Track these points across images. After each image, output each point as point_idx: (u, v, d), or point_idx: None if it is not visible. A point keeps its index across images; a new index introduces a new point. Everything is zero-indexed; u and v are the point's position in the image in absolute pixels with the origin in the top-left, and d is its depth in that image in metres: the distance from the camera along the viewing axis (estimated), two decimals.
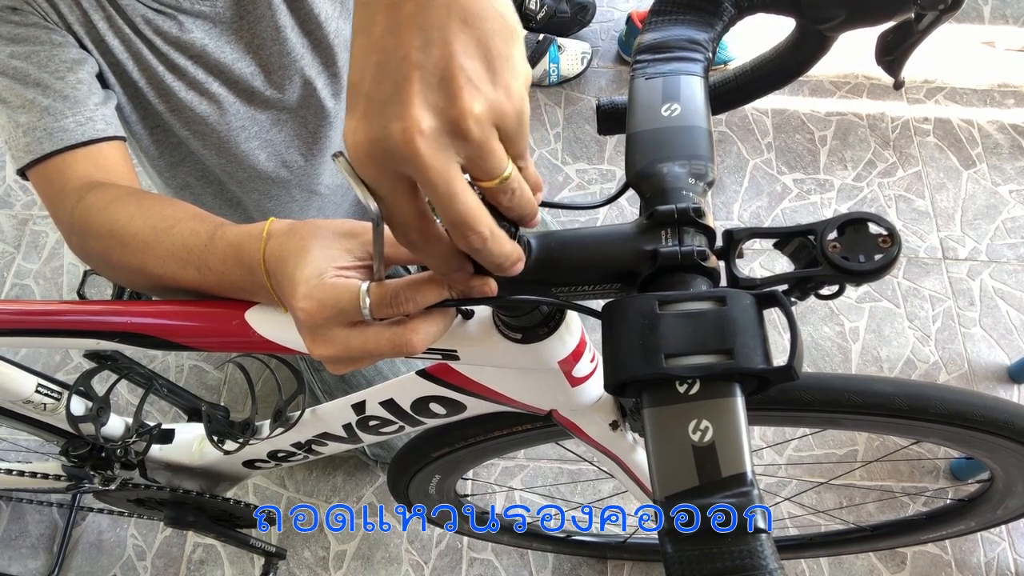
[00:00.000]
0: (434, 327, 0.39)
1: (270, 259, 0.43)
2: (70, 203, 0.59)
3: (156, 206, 0.56)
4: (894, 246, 0.33)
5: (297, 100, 0.82)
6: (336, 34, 0.80)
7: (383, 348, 0.38)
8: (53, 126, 0.62)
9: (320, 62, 0.81)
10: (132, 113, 0.75)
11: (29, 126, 0.62)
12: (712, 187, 0.39)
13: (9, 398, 0.70)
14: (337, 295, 0.37)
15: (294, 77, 0.79)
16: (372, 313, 0.37)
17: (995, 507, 0.79)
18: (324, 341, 0.38)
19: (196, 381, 1.35)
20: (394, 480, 0.81)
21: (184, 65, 0.73)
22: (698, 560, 0.29)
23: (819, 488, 1.20)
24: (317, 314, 0.37)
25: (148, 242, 0.52)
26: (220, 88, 0.76)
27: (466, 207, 0.30)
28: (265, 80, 0.78)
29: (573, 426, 0.62)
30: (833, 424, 0.64)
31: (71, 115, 0.63)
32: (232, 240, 0.46)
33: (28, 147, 0.62)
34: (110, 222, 0.55)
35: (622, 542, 1.12)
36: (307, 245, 0.40)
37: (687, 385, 0.32)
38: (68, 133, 0.62)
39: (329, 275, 0.38)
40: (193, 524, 0.86)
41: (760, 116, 1.60)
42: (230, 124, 0.79)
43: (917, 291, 1.39)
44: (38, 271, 1.46)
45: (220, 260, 0.47)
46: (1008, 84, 1.62)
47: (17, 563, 1.19)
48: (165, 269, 0.50)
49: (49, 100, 0.62)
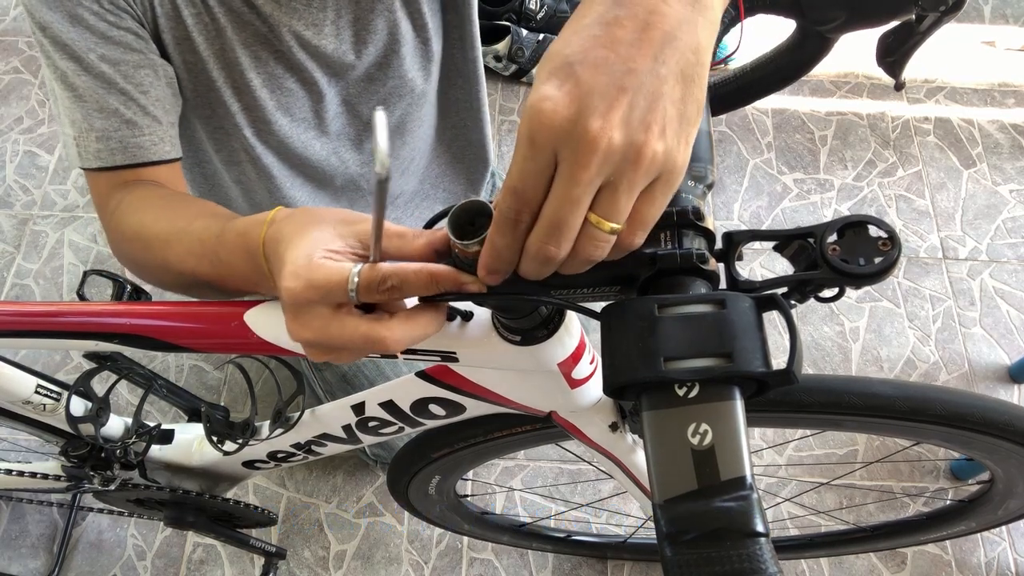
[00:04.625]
0: (412, 329, 0.39)
1: (268, 243, 0.43)
2: (112, 206, 0.63)
3: (180, 206, 0.59)
4: (894, 249, 0.33)
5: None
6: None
7: (357, 341, 0.38)
8: (130, 141, 0.64)
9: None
10: (195, 110, 0.74)
11: (104, 133, 0.63)
12: (712, 189, 0.39)
13: (9, 398, 0.70)
14: (326, 275, 0.37)
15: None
16: (358, 295, 0.37)
17: (995, 508, 0.79)
18: (305, 322, 0.38)
19: (196, 381, 1.35)
20: (394, 481, 0.81)
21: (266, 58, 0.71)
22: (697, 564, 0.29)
23: (819, 488, 1.20)
24: (302, 293, 0.37)
25: (169, 240, 0.54)
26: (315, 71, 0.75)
27: (576, 219, 0.31)
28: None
29: (572, 427, 0.61)
30: (833, 426, 0.64)
31: (148, 133, 0.65)
32: (240, 229, 0.47)
33: (99, 154, 0.64)
34: (137, 224, 0.58)
35: (622, 542, 1.12)
36: (302, 230, 0.40)
37: (686, 388, 0.32)
38: (142, 151, 0.64)
39: (318, 255, 0.38)
40: (193, 524, 0.86)
41: (760, 116, 1.60)
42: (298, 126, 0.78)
43: (917, 291, 1.38)
44: (38, 271, 1.46)
45: (230, 251, 0.48)
46: (1008, 84, 1.62)
47: (17, 563, 1.19)
48: (185, 265, 0.52)
49: (131, 113, 0.64)
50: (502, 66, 1.64)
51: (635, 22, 0.29)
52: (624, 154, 0.29)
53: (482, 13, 1.63)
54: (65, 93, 0.63)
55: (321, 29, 0.71)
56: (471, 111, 0.95)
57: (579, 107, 0.29)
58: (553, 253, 0.32)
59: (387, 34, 0.75)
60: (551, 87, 0.29)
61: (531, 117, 0.29)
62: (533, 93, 0.30)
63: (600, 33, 0.30)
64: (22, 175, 1.57)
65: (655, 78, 0.29)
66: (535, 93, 0.30)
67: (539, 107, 0.29)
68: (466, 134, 0.99)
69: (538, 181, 0.31)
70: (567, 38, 0.30)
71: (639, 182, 0.30)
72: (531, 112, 0.29)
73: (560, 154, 0.30)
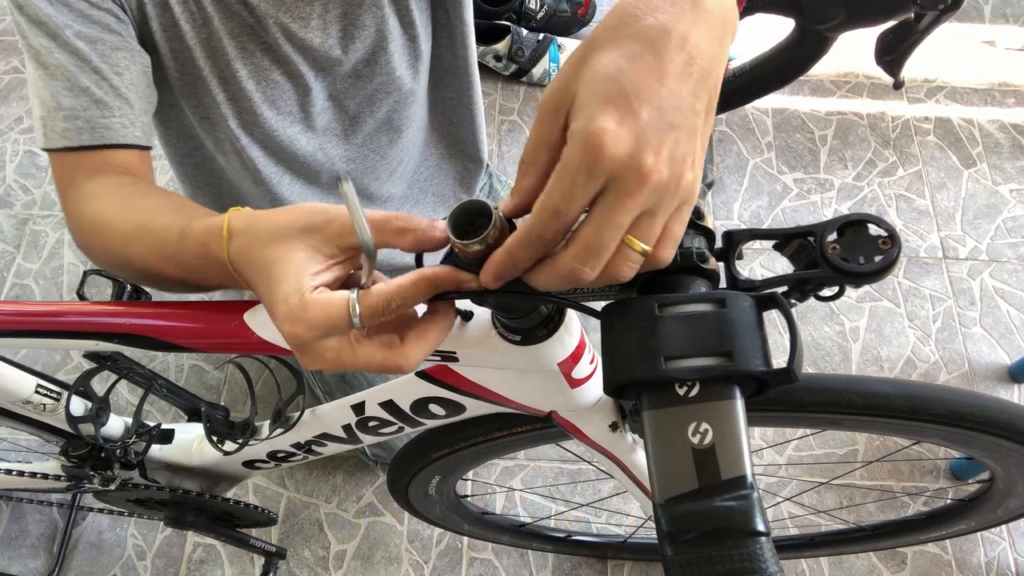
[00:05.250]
0: (425, 348, 0.39)
1: (236, 261, 0.42)
2: (72, 193, 0.59)
3: (141, 199, 0.55)
4: (894, 247, 0.33)
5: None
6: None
7: (373, 368, 0.38)
8: (98, 121, 0.61)
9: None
10: (183, 99, 0.74)
11: (73, 112, 0.60)
12: (712, 188, 0.39)
13: (9, 398, 0.70)
14: (324, 313, 0.36)
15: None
16: (362, 322, 0.37)
17: (995, 507, 0.79)
18: (316, 356, 0.38)
19: (196, 381, 1.35)
20: (394, 481, 0.81)
21: (253, 49, 0.71)
22: (698, 563, 0.29)
23: (819, 488, 1.20)
24: (305, 335, 0.37)
25: (128, 238, 0.51)
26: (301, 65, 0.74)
27: (615, 243, 0.32)
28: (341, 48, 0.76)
29: (573, 427, 0.61)
30: (833, 425, 0.64)
31: (118, 115, 0.62)
32: (199, 239, 0.45)
33: (66, 133, 0.60)
34: (95, 215, 0.55)
35: (622, 542, 1.12)
36: (272, 255, 0.39)
37: (686, 387, 0.32)
38: (111, 132, 0.61)
39: (308, 291, 0.37)
40: (193, 524, 0.86)
41: (760, 115, 1.60)
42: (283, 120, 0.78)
43: (917, 291, 1.38)
44: (38, 271, 1.46)
45: (194, 256, 0.46)
46: (1008, 83, 1.62)
47: (17, 563, 1.19)
48: (147, 264, 0.50)
49: (102, 93, 0.61)
50: (502, 66, 1.64)
51: (681, 55, 0.31)
52: (667, 186, 0.31)
53: (482, 13, 1.63)
54: (37, 72, 0.61)
55: (308, 23, 0.70)
56: (462, 110, 0.94)
57: (636, 142, 0.30)
58: (587, 275, 0.33)
59: (375, 30, 0.75)
60: (610, 121, 0.30)
61: (591, 148, 0.30)
62: (591, 122, 0.30)
63: (653, 63, 0.31)
64: (22, 175, 1.57)
65: (694, 115, 0.31)
66: (594, 123, 0.30)
67: (601, 140, 0.30)
68: (457, 133, 0.98)
69: (582, 205, 0.31)
70: (616, 61, 0.31)
71: (673, 207, 0.32)
72: (591, 143, 0.30)
73: (609, 183, 0.31)
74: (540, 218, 0.32)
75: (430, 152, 1.00)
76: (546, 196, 0.32)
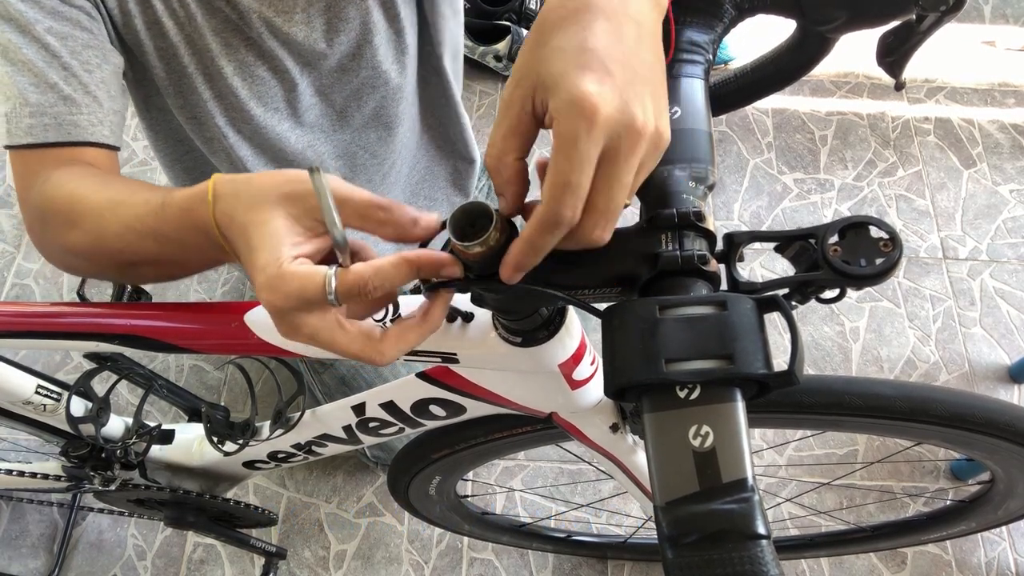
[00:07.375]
0: (404, 346, 0.39)
1: (222, 223, 0.41)
2: (38, 184, 0.57)
3: (116, 181, 0.54)
4: (895, 250, 0.33)
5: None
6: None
7: (350, 355, 0.38)
8: (65, 118, 0.60)
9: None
10: (172, 98, 0.73)
11: (39, 109, 0.59)
12: (713, 190, 0.39)
13: (9, 399, 0.70)
14: (302, 286, 0.36)
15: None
16: (338, 300, 0.36)
17: (996, 508, 0.79)
18: (292, 328, 0.38)
19: (196, 381, 1.35)
20: (394, 481, 0.81)
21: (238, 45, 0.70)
22: (698, 566, 0.29)
23: (820, 488, 1.20)
24: (283, 304, 0.37)
25: (103, 214, 0.50)
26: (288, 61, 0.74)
27: (624, 200, 0.33)
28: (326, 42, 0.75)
29: (573, 428, 0.61)
30: (834, 426, 0.64)
31: (86, 112, 0.60)
32: (182, 204, 0.44)
33: (31, 129, 0.59)
34: (69, 196, 0.54)
35: (622, 542, 1.12)
36: (252, 219, 0.39)
37: (687, 390, 0.32)
38: (78, 129, 0.60)
39: (287, 261, 0.37)
40: (193, 524, 0.86)
41: (760, 116, 1.60)
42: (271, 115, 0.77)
43: (918, 291, 1.38)
44: (38, 271, 1.46)
45: (175, 227, 0.45)
46: (1009, 83, 1.62)
47: (17, 563, 1.19)
48: (124, 242, 0.49)
49: (70, 89, 0.60)
50: (502, 66, 1.63)
51: (629, 20, 0.33)
52: (655, 138, 0.33)
53: (482, 13, 1.63)
54: (4, 68, 0.60)
55: (291, 17, 0.70)
56: (448, 109, 0.94)
57: (622, 98, 0.31)
58: (604, 238, 0.34)
59: (359, 23, 0.74)
60: (592, 83, 0.31)
61: (584, 112, 0.30)
62: (574, 88, 0.31)
63: (609, 28, 0.32)
64: None
65: (659, 71, 0.34)
66: (577, 88, 0.30)
67: (591, 102, 0.30)
68: (446, 132, 0.98)
69: (591, 172, 0.32)
70: (577, 33, 0.32)
71: (658, 159, 0.34)
72: (583, 107, 0.30)
73: (608, 144, 0.31)
74: (554, 196, 0.32)
75: (421, 155, 1.00)
76: (554, 175, 0.31)
